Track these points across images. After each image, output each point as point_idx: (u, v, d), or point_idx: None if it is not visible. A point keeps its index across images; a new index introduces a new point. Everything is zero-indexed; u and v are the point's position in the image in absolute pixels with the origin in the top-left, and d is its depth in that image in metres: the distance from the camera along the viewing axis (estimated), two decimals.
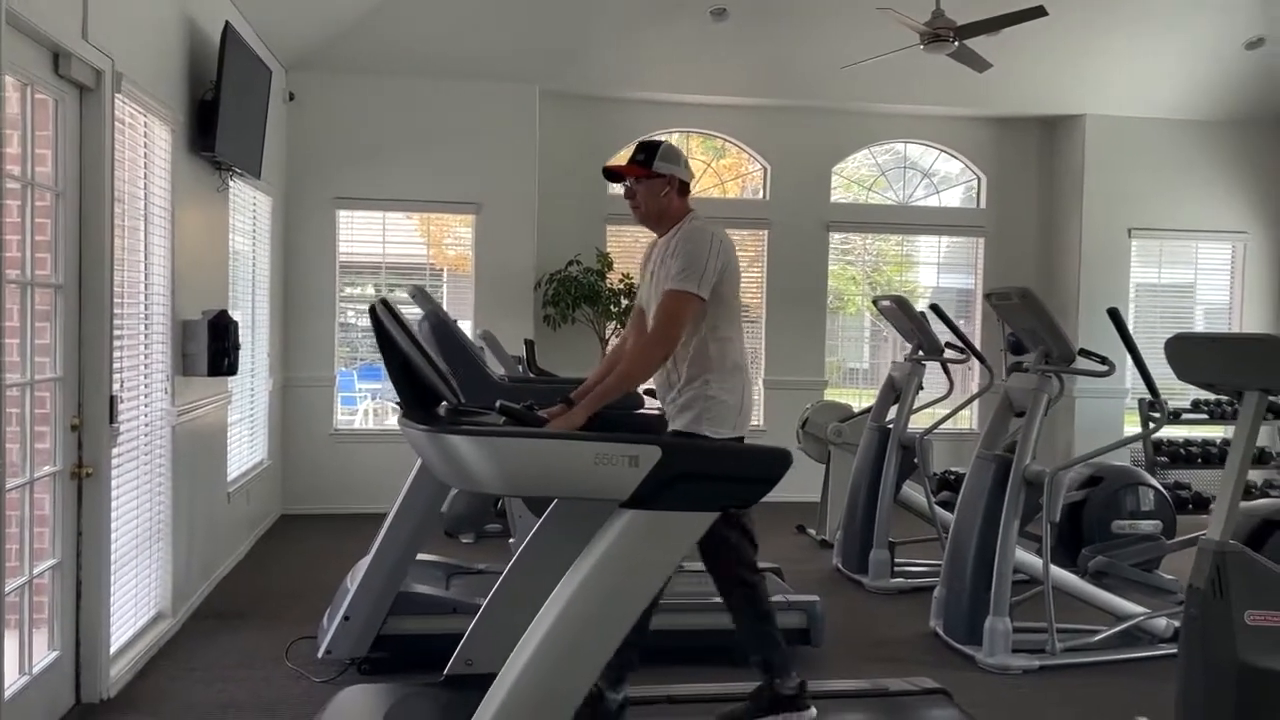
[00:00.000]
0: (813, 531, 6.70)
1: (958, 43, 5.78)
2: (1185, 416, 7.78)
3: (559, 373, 6.80)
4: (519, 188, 7.39)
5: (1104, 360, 4.41)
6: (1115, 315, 4.28)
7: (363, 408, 8.42)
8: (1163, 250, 8.29)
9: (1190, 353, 3.07)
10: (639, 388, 3.45)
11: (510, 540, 5.32)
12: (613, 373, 3.22)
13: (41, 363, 3.38)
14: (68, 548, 3.53)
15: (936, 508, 5.72)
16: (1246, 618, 2.78)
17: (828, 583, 5.55)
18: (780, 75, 7.52)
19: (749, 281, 8.11)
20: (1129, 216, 8.06)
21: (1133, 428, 7.81)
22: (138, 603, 4.20)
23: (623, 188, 3.41)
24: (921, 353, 5.82)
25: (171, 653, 4.25)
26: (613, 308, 7.40)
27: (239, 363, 4.97)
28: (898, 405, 5.77)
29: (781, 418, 7.59)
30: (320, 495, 7.17)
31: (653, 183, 3.30)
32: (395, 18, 6.67)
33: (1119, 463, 5.97)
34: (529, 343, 6.76)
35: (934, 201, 8.48)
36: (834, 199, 8.22)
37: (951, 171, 8.54)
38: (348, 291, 7.54)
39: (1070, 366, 4.41)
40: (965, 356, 5.76)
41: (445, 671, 3.16)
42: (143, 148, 4.22)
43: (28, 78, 3.21)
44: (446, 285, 7.67)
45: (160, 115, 4.32)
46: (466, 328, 7.15)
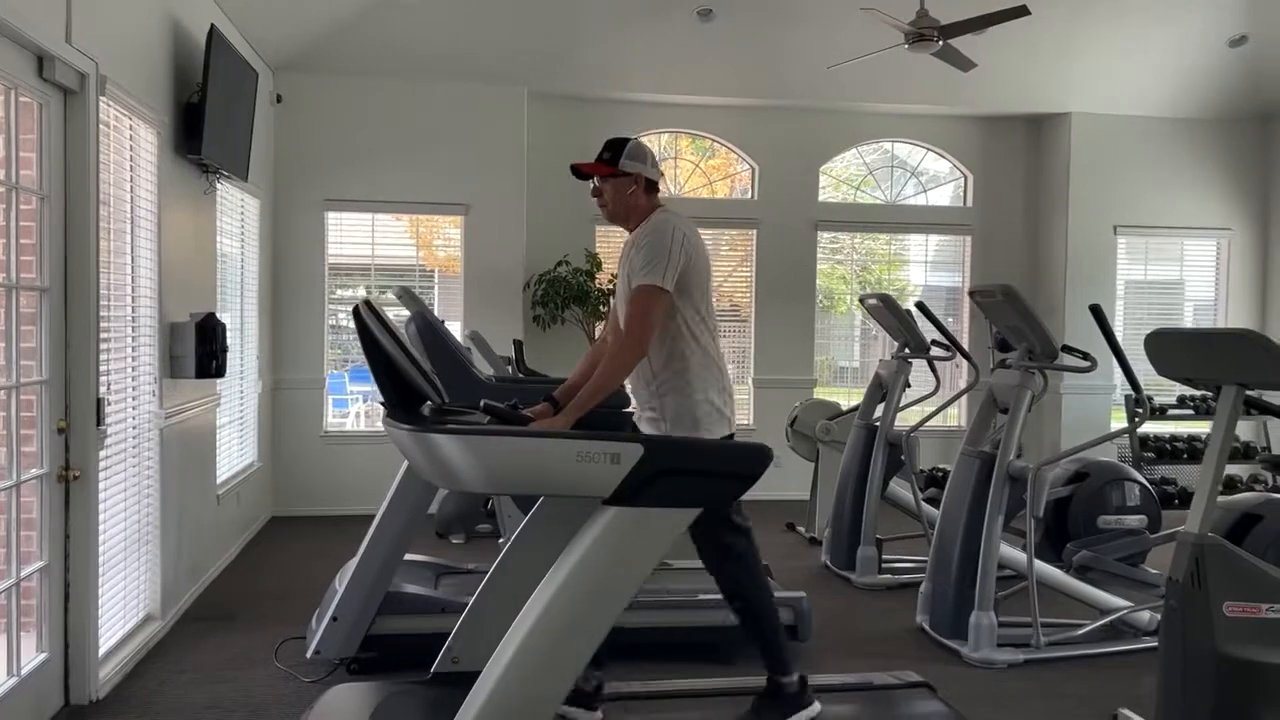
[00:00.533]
0: (802, 529, 6.73)
1: (942, 42, 5.81)
2: (1171, 412, 7.85)
3: (548, 373, 6.81)
4: (507, 189, 7.40)
5: (1086, 356, 4.45)
6: (1097, 311, 4.31)
7: (354, 410, 8.43)
8: (1149, 247, 8.34)
9: (1168, 348, 3.11)
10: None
11: (500, 540, 5.34)
12: (591, 379, 3.19)
13: (28, 366, 3.39)
14: (55, 550, 3.54)
15: (923, 504, 5.76)
16: (1225, 609, 2.82)
17: (816, 579, 5.58)
18: (767, 75, 7.55)
19: (738, 281, 8.14)
20: (1115, 214, 8.11)
21: (1120, 424, 7.87)
22: (126, 605, 4.21)
23: (590, 186, 3.39)
24: (908, 350, 5.86)
25: (161, 654, 4.25)
26: (602, 308, 7.42)
27: (227, 365, 4.98)
28: (884, 403, 5.81)
29: (771, 416, 7.63)
30: (311, 497, 7.18)
31: (619, 181, 3.29)
32: (382, 19, 6.68)
33: (1105, 459, 6.01)
34: (518, 343, 6.78)
35: (922, 200, 8.52)
36: (822, 198, 8.25)
37: (941, 170, 8.58)
38: (338, 294, 7.54)
39: (1053, 363, 4.45)
40: (951, 354, 5.79)
41: (432, 669, 3.18)
42: (128, 150, 4.23)
43: (11, 81, 3.22)
44: (437, 286, 7.68)
45: (146, 118, 4.33)
46: (456, 329, 7.16)
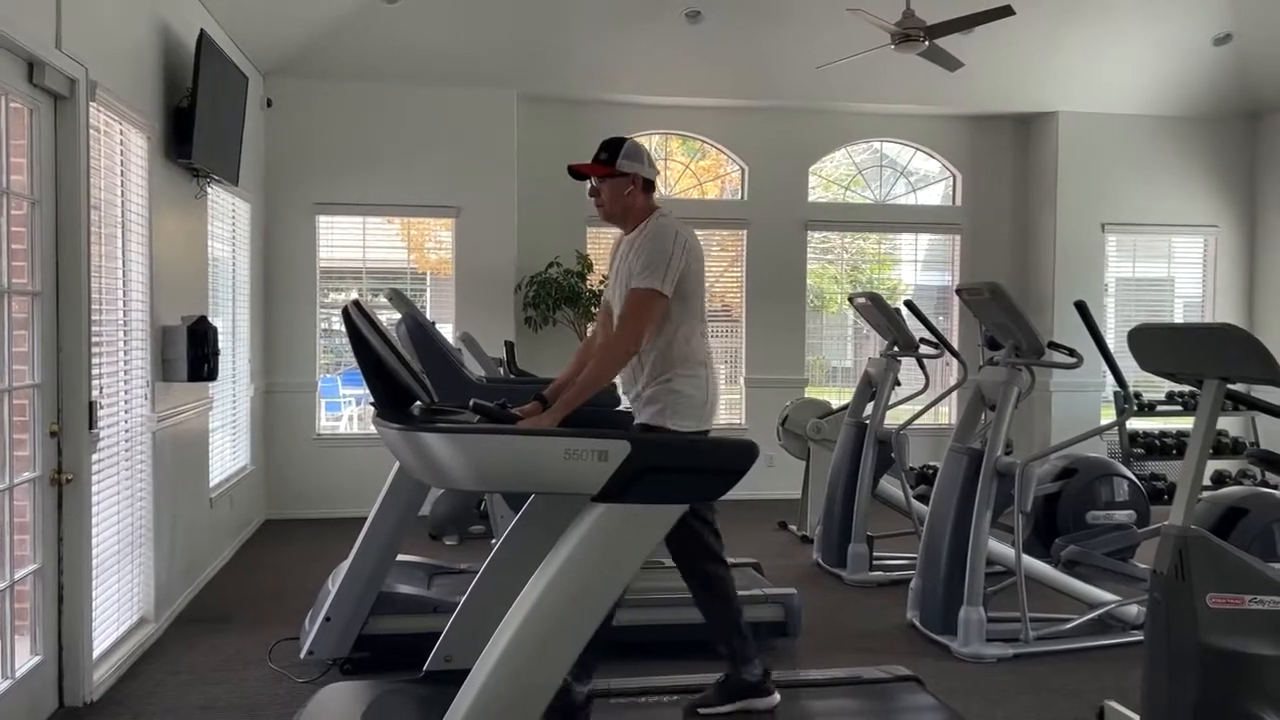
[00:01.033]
0: (793, 527, 6.76)
1: (928, 42, 5.84)
2: (1160, 408, 7.89)
3: (540, 374, 6.83)
4: (498, 191, 7.43)
5: (1072, 353, 4.48)
6: (1082, 308, 4.35)
7: (347, 413, 8.45)
8: (1137, 244, 8.39)
9: (1151, 343, 3.14)
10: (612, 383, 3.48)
11: (493, 541, 5.37)
12: (580, 375, 3.22)
13: (20, 370, 3.40)
14: (49, 553, 3.55)
15: (914, 501, 5.79)
16: (1208, 600, 2.85)
17: (808, 577, 5.61)
18: (756, 76, 7.58)
19: (729, 281, 8.17)
20: (1103, 211, 8.16)
21: (1110, 419, 7.91)
22: (120, 607, 4.22)
23: (587, 186, 3.41)
24: (897, 349, 5.89)
25: (155, 656, 4.27)
26: (593, 309, 7.44)
27: (219, 368, 5.00)
28: (874, 401, 5.84)
29: (762, 416, 7.66)
30: (304, 500, 7.19)
31: (616, 181, 3.31)
32: (372, 23, 6.70)
33: (1094, 454, 6.05)
34: (509, 344, 6.80)
35: (911, 200, 8.55)
36: (812, 198, 8.29)
37: (930, 170, 8.62)
38: (330, 297, 7.55)
39: (1039, 359, 4.49)
40: (940, 352, 5.83)
41: (425, 667, 3.20)
42: (119, 155, 4.25)
43: (1, 88, 3.23)
44: (429, 289, 7.71)
45: (136, 123, 4.34)
46: (448, 331, 7.18)
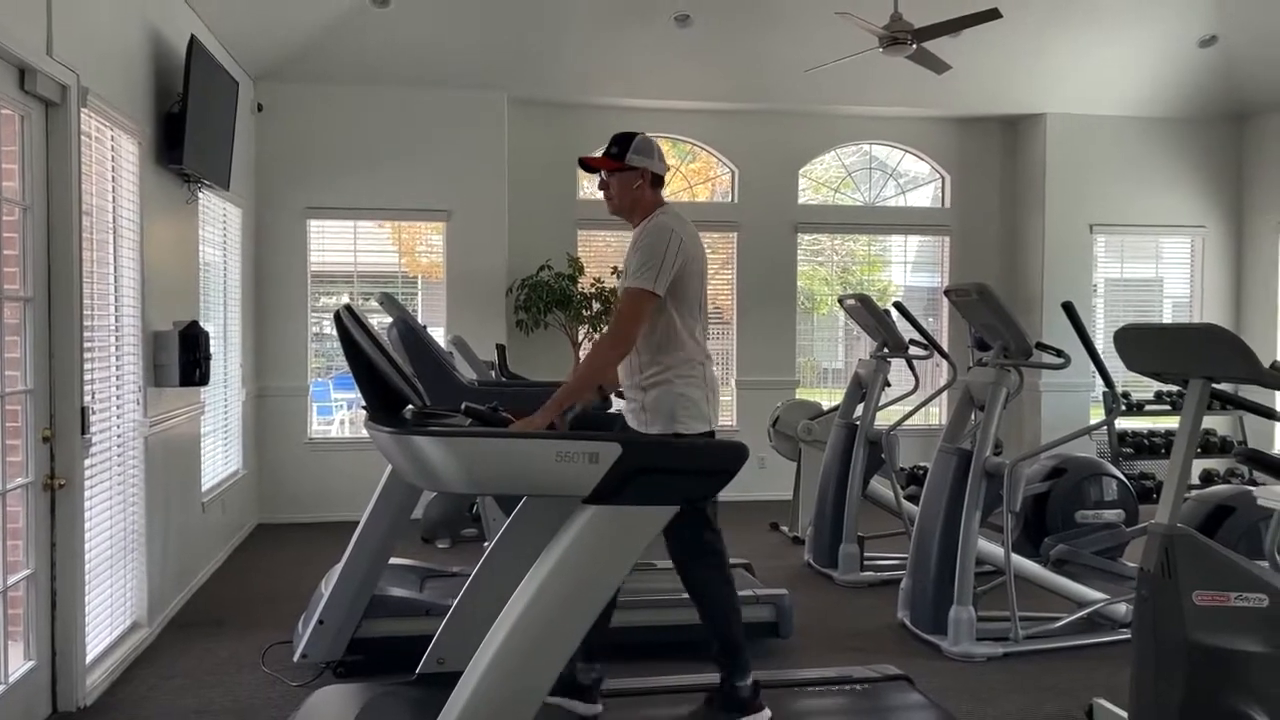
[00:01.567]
0: (785, 528, 6.79)
1: (916, 45, 5.88)
2: (1149, 408, 7.95)
3: (531, 377, 6.86)
4: (489, 194, 7.44)
5: (1060, 353, 4.52)
6: (1069, 309, 4.38)
7: (339, 417, 8.44)
8: (1125, 245, 8.44)
9: (1137, 343, 3.16)
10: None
11: (485, 544, 5.37)
12: (571, 376, 3.22)
13: (12, 375, 3.41)
14: (42, 559, 3.56)
15: (904, 502, 5.82)
16: (1194, 598, 2.88)
17: (799, 578, 5.64)
18: (745, 79, 7.62)
19: (720, 283, 8.19)
20: (1091, 213, 8.21)
21: (1098, 419, 7.96)
22: (113, 612, 4.23)
23: (597, 180, 3.43)
24: (886, 350, 5.92)
25: (148, 661, 4.28)
26: (584, 312, 7.46)
27: (211, 373, 5.01)
28: (864, 402, 5.87)
29: (753, 417, 7.69)
30: (297, 504, 7.19)
31: (626, 175, 3.33)
32: (362, 27, 6.71)
33: (1083, 454, 6.09)
34: (500, 348, 6.81)
35: (901, 202, 8.59)
36: (802, 201, 8.32)
37: (919, 172, 8.66)
38: (321, 301, 7.56)
39: (1027, 360, 4.52)
40: (929, 353, 5.87)
41: (417, 670, 3.22)
42: (110, 161, 4.26)
43: None
44: (420, 292, 7.71)
45: (127, 128, 4.35)
46: (439, 334, 7.19)
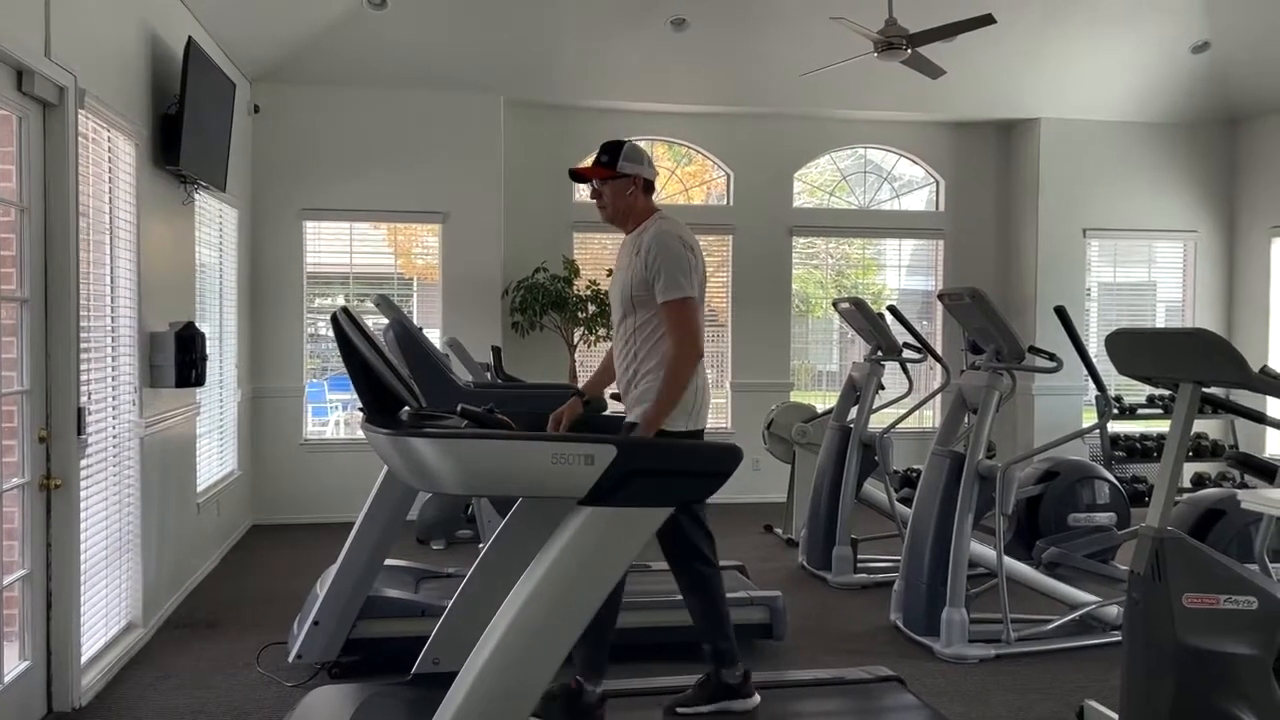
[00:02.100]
0: (779, 530, 6.81)
1: (911, 50, 5.90)
2: (1141, 411, 7.98)
3: (526, 379, 6.87)
4: (485, 196, 7.46)
5: (1053, 357, 4.55)
6: (1061, 313, 4.41)
7: (334, 418, 8.45)
8: (1118, 249, 8.48)
9: (1128, 348, 3.19)
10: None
11: (480, 545, 5.40)
12: (659, 389, 3.23)
13: (8, 376, 3.42)
14: (37, 559, 3.56)
15: (897, 504, 5.84)
16: (1184, 601, 2.90)
17: (793, 580, 5.66)
18: (740, 83, 7.64)
19: (714, 286, 8.22)
20: (1084, 217, 8.25)
21: (1091, 423, 7.99)
22: (108, 613, 4.23)
23: (589, 189, 3.47)
24: (880, 353, 5.95)
25: (143, 661, 4.28)
26: (580, 314, 7.48)
27: (207, 374, 5.01)
28: (858, 405, 5.89)
29: (748, 420, 7.71)
30: (291, 505, 7.20)
31: (618, 183, 3.38)
32: (359, 29, 6.72)
33: (1075, 458, 6.12)
34: (496, 350, 6.83)
35: (895, 205, 8.62)
36: (797, 204, 8.35)
37: (914, 176, 8.69)
38: (317, 303, 7.57)
39: (1020, 364, 4.55)
40: (923, 356, 5.89)
41: (413, 670, 3.23)
42: (107, 162, 4.26)
43: None
44: (415, 294, 7.72)
45: (124, 130, 4.36)
46: (435, 336, 7.21)
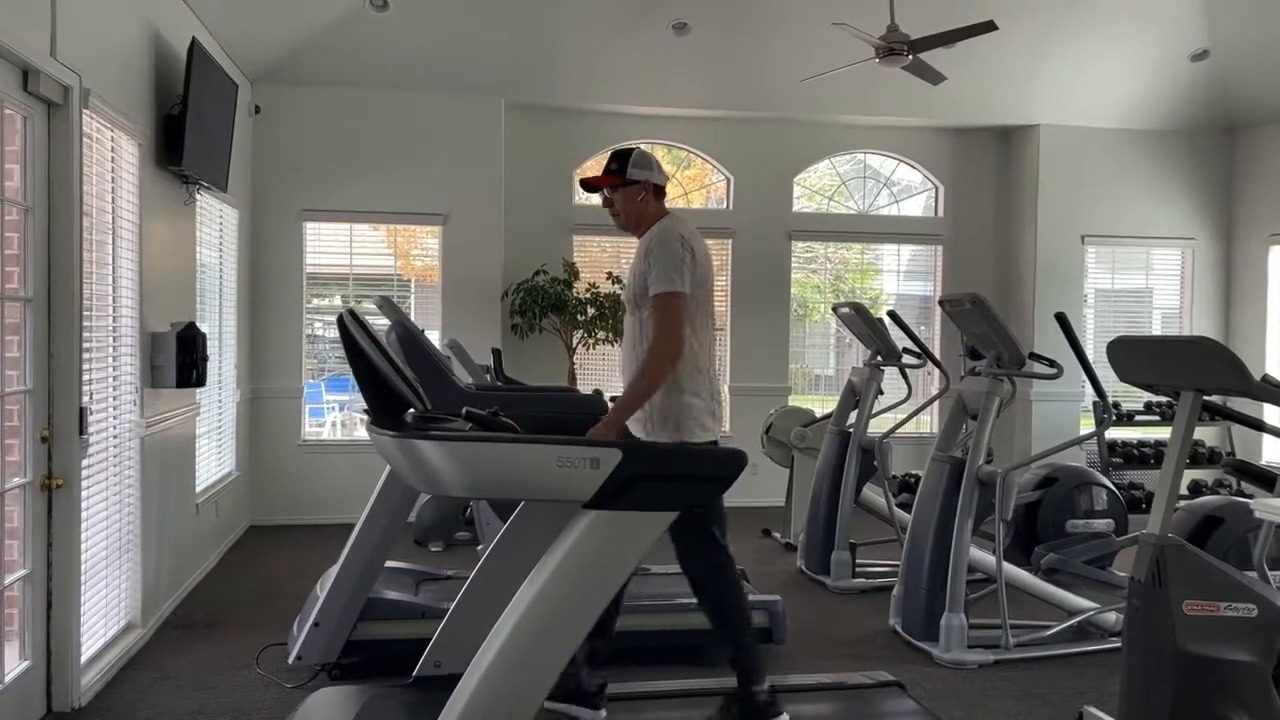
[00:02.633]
0: (777, 535, 6.81)
1: (912, 56, 5.92)
2: (1138, 418, 8.00)
3: (526, 381, 6.87)
4: (485, 199, 7.46)
5: (1053, 363, 4.56)
6: (1062, 320, 4.42)
7: (330, 419, 8.44)
8: (1116, 256, 8.50)
9: (1129, 355, 3.21)
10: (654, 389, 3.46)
11: (479, 547, 5.40)
12: (628, 386, 3.24)
13: (11, 375, 3.41)
14: (38, 559, 3.56)
15: (896, 509, 5.85)
16: (1185, 608, 2.91)
17: (791, 584, 5.66)
18: (741, 88, 7.66)
19: (714, 289, 8.21)
20: (1082, 224, 8.27)
21: (1089, 429, 8.01)
22: (108, 613, 4.23)
23: (601, 198, 3.48)
24: (880, 358, 5.96)
25: (142, 662, 4.28)
26: (579, 317, 7.48)
27: (207, 374, 5.01)
28: (857, 410, 5.90)
29: (746, 423, 7.72)
30: (289, 506, 7.19)
31: (628, 190, 3.40)
32: (360, 31, 6.73)
33: (1073, 464, 6.13)
34: (496, 352, 6.83)
35: (894, 211, 8.64)
36: (796, 208, 8.36)
37: (912, 181, 8.70)
38: (315, 303, 7.57)
39: (1020, 370, 4.56)
40: (922, 361, 5.90)
41: (414, 673, 3.23)
42: (110, 162, 4.26)
43: None
44: (414, 296, 7.72)
45: (127, 130, 4.36)
46: (434, 338, 7.21)
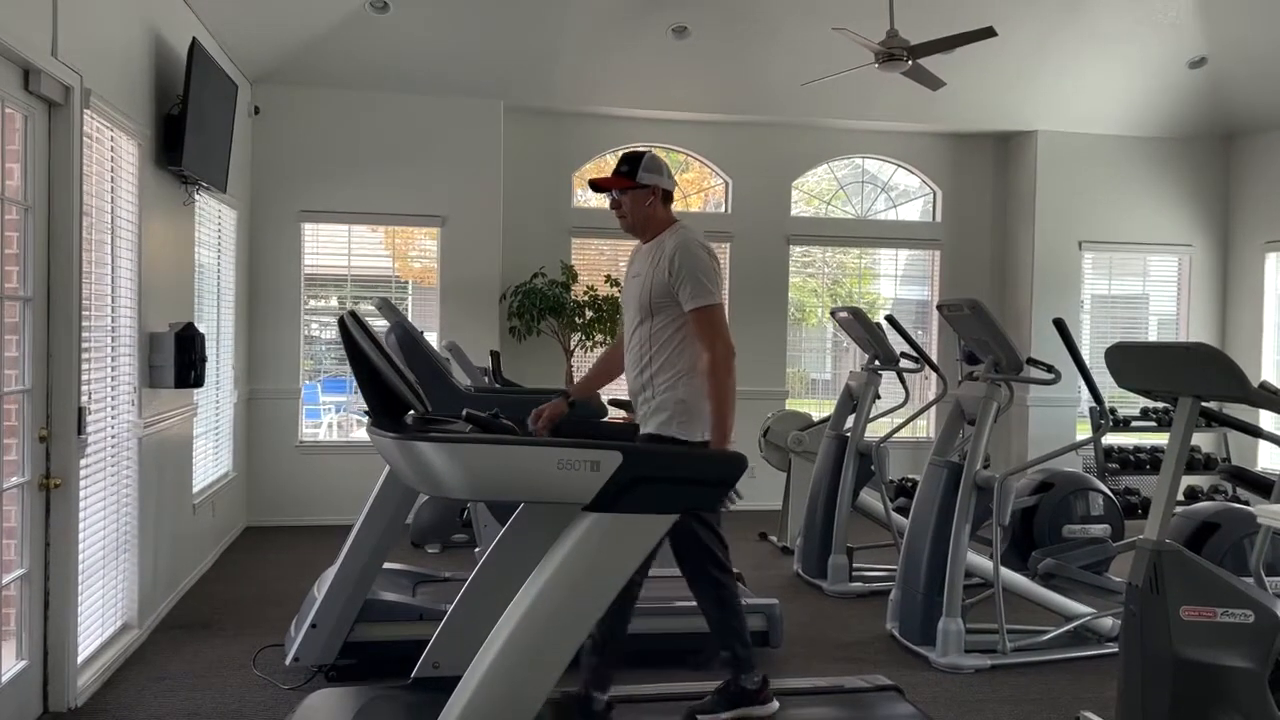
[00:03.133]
0: (774, 538, 6.82)
1: (911, 62, 5.93)
2: (1135, 424, 8.02)
3: (524, 383, 6.88)
4: (484, 201, 7.46)
5: (1050, 369, 4.57)
6: (1060, 325, 4.43)
7: (326, 420, 8.44)
8: (1113, 262, 8.53)
9: (1127, 361, 3.22)
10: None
11: (476, 549, 5.39)
12: (712, 402, 3.37)
13: (10, 375, 3.41)
14: (36, 558, 3.56)
15: (893, 514, 5.86)
16: (1181, 613, 2.92)
17: (788, 587, 5.67)
18: (740, 92, 7.67)
19: None
20: (1080, 229, 8.29)
21: (1085, 435, 8.02)
22: (105, 613, 4.22)
23: (608, 199, 3.50)
24: (878, 362, 5.97)
25: (139, 662, 4.27)
26: (577, 319, 7.48)
27: (205, 375, 5.01)
28: (855, 414, 5.91)
29: (744, 427, 7.69)
30: (285, 507, 7.18)
31: (638, 193, 3.41)
32: (360, 33, 6.73)
33: (1070, 469, 6.14)
34: (494, 354, 6.83)
35: (892, 215, 8.66)
36: (794, 213, 8.37)
37: (910, 186, 8.72)
38: (312, 304, 7.56)
39: (1018, 375, 4.57)
40: (920, 366, 5.91)
41: (413, 674, 3.23)
42: (110, 162, 4.26)
43: None
44: (412, 297, 7.72)
45: (127, 130, 4.36)
46: (432, 339, 7.21)
